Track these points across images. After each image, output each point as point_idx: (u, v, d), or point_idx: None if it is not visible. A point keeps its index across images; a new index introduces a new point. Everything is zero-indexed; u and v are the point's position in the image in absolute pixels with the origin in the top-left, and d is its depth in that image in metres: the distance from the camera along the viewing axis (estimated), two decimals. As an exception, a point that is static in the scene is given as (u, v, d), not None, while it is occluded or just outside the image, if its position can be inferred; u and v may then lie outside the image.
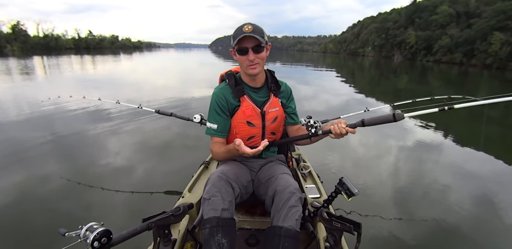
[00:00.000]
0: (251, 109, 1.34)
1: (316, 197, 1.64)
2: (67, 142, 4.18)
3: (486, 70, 34.23)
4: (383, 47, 76.12)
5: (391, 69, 28.79)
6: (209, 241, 1.07)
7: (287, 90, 1.47)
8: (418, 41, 60.73)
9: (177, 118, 2.51)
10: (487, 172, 3.40)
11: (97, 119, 5.41)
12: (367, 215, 2.38)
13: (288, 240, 1.08)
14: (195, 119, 2.29)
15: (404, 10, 71.29)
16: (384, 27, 75.98)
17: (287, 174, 1.35)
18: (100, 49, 79.97)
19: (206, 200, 1.14)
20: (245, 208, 1.69)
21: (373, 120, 1.19)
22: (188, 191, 1.71)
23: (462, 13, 53.74)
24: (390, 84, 14.71)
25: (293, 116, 1.49)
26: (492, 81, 19.75)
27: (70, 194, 2.69)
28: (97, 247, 0.90)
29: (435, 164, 3.52)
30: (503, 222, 2.43)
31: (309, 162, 2.12)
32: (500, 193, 2.89)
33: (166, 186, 2.82)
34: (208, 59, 36.14)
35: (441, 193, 2.83)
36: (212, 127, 1.36)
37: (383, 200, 2.65)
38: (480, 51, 44.76)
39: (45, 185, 2.84)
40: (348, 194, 1.16)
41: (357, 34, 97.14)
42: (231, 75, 1.39)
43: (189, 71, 17.85)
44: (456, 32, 51.61)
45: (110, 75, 14.00)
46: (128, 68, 20.26)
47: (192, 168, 2.22)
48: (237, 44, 1.22)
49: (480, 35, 45.05)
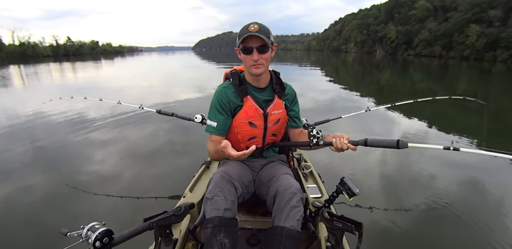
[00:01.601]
0: (253, 110, 1.33)
1: (317, 197, 1.64)
2: (65, 143, 4.26)
3: (464, 62, 35.35)
4: (365, 43, 77.42)
5: (374, 64, 29.28)
6: (211, 240, 1.06)
7: (291, 93, 1.46)
8: (399, 36, 62.10)
9: (178, 118, 2.52)
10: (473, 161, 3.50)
11: (98, 119, 5.54)
12: (368, 215, 2.36)
13: (290, 240, 1.08)
14: (196, 119, 2.31)
15: (383, 6, 72.71)
16: (365, 23, 77.33)
17: (289, 174, 1.36)
18: (80, 56, 78.31)
19: (209, 200, 1.14)
20: (246, 208, 1.69)
21: (376, 143, 1.19)
22: (189, 191, 1.71)
23: (439, 7, 55.19)
24: (374, 79, 14.92)
25: (295, 120, 1.48)
26: (470, 73, 20.40)
27: (70, 194, 2.74)
28: (99, 246, 0.91)
29: (438, 164, 3.48)
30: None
31: (310, 162, 2.12)
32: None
33: (167, 186, 2.82)
34: (192, 62, 35.72)
35: (448, 193, 2.77)
36: (211, 125, 1.35)
37: (385, 200, 2.63)
38: (458, 43, 46.17)
39: (48, 187, 2.90)
40: (349, 194, 1.16)
41: (339, 31, 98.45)
42: (235, 74, 1.37)
43: (173, 74, 17.61)
44: (434, 25, 53.01)
45: (92, 81, 13.67)
46: (110, 73, 19.84)
47: (193, 168, 2.23)
48: (242, 43, 1.21)
49: (457, 28, 46.43)
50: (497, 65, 30.07)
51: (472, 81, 14.45)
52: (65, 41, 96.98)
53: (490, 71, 21.55)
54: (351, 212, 2.35)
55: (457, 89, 11.09)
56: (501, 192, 2.80)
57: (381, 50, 69.94)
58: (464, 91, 10.26)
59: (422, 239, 2.11)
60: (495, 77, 17.58)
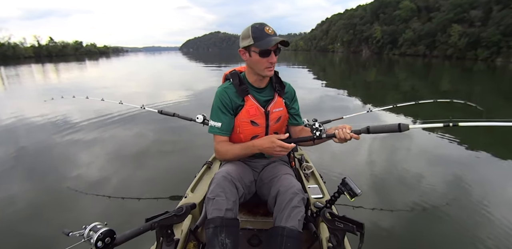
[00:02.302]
0: (255, 108, 1.34)
1: (319, 197, 1.64)
2: (66, 143, 4.27)
3: (447, 61, 36.25)
4: (351, 42, 78.43)
5: (360, 63, 29.71)
6: (213, 241, 1.07)
7: (290, 91, 1.48)
8: (384, 36, 63.23)
9: (179, 119, 2.55)
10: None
11: (99, 119, 5.61)
12: (370, 215, 2.34)
13: (291, 240, 1.08)
14: (198, 119, 2.34)
15: (369, 6, 73.94)
16: (351, 23, 78.36)
17: (290, 174, 1.36)
18: (64, 57, 76.23)
19: (211, 200, 1.14)
20: (247, 208, 1.69)
21: (378, 128, 1.20)
22: (191, 191, 1.71)
23: (422, 8, 56.52)
24: (360, 78, 15.13)
25: (296, 117, 1.51)
26: (453, 71, 20.96)
27: (71, 195, 2.75)
28: (100, 247, 0.91)
29: (441, 163, 3.47)
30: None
31: (311, 162, 2.11)
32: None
33: (168, 186, 2.82)
34: (179, 62, 35.33)
35: (452, 193, 2.75)
36: (216, 126, 1.35)
37: (387, 200, 2.61)
38: (441, 42, 47.41)
39: (49, 189, 2.90)
40: (351, 194, 1.15)
41: (326, 31, 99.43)
42: (235, 75, 1.38)
43: (160, 75, 17.38)
44: (418, 25, 54.26)
45: (77, 82, 13.37)
46: (96, 74, 19.42)
47: (194, 168, 2.22)
48: (260, 46, 1.21)
49: (440, 28, 47.68)
50: (478, 63, 31.09)
51: (454, 80, 14.83)
52: (47, 42, 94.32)
53: (472, 70, 22.22)
54: (353, 213, 2.34)
55: (441, 87, 11.40)
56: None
57: (367, 50, 71.09)
58: (447, 90, 10.53)
59: (423, 239, 2.10)
60: (476, 75, 18.13)
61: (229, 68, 1.45)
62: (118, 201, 2.62)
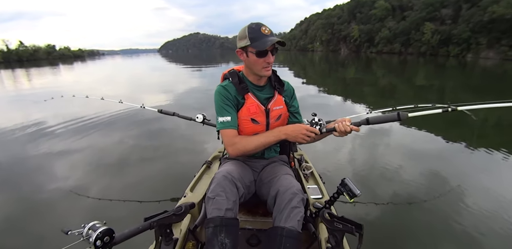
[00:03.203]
0: (255, 106, 1.35)
1: (318, 197, 1.64)
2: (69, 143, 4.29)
3: (421, 58, 37.56)
4: (330, 41, 79.78)
5: (339, 62, 30.27)
6: (212, 240, 1.07)
7: (289, 89, 1.49)
8: (361, 34, 64.79)
9: (179, 118, 2.57)
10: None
11: (98, 119, 5.63)
12: (369, 216, 2.33)
13: (290, 240, 1.08)
14: (198, 119, 2.35)
15: (346, 5, 75.46)
16: (330, 23, 79.64)
17: (290, 174, 1.35)
18: (35, 61, 72.47)
19: (211, 199, 1.14)
20: (247, 208, 1.69)
21: (378, 119, 1.20)
22: (190, 190, 1.71)
23: (396, 7, 58.30)
24: (340, 76, 15.39)
25: (296, 115, 1.50)
26: (427, 68, 21.80)
27: (71, 193, 2.75)
28: (99, 245, 0.91)
29: (444, 162, 3.46)
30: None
31: (311, 163, 2.11)
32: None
33: (167, 186, 2.82)
34: (159, 64, 34.63)
35: (455, 196, 2.71)
36: (225, 120, 1.31)
37: (386, 201, 2.58)
38: (415, 40, 49.16)
39: (50, 189, 2.89)
40: (350, 195, 1.15)
41: (305, 30, 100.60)
42: (234, 74, 1.39)
43: (139, 78, 16.99)
44: (393, 24, 55.95)
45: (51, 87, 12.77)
46: (71, 79, 18.66)
47: (193, 168, 2.22)
48: (257, 46, 1.22)
49: (414, 26, 49.41)
50: (450, 60, 32.53)
51: (428, 76, 15.44)
52: (17, 46, 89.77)
53: (444, 66, 23.19)
54: (352, 213, 2.33)
55: (416, 83, 11.84)
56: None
57: (346, 48, 72.61)
58: (422, 85, 10.89)
59: (424, 239, 2.07)
60: (449, 71, 18.92)
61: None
62: (117, 200, 2.61)
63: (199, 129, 2.59)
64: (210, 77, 14.98)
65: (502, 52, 32.63)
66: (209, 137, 3.92)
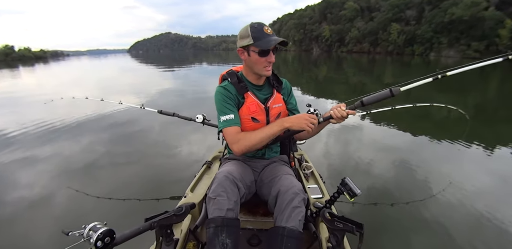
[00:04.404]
0: (255, 105, 1.35)
1: (319, 197, 1.63)
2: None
3: (389, 56, 39.25)
4: (302, 41, 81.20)
5: (312, 61, 30.87)
6: (213, 240, 1.07)
7: (287, 87, 1.51)
8: (332, 34, 66.58)
9: (179, 119, 2.58)
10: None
11: (97, 119, 5.66)
12: (369, 215, 2.33)
13: (291, 240, 1.08)
14: (198, 119, 2.35)
15: (317, 6, 77.15)
16: (302, 23, 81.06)
17: (291, 174, 1.35)
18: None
19: (212, 200, 1.13)
20: (247, 208, 1.69)
21: (372, 98, 1.19)
22: (190, 191, 1.70)
23: (365, 8, 60.50)
24: (312, 75, 15.66)
25: (294, 112, 1.51)
26: (394, 66, 22.90)
27: (71, 195, 2.72)
28: (100, 246, 0.91)
29: (445, 161, 3.46)
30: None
31: (311, 162, 2.11)
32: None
33: (168, 186, 2.79)
34: (129, 65, 33.17)
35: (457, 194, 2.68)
36: (228, 118, 1.30)
37: (386, 200, 2.56)
38: (382, 40, 51.38)
39: (50, 189, 2.87)
40: (350, 194, 1.15)
41: (278, 30, 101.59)
42: (232, 74, 1.40)
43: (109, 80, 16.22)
44: (362, 24, 58.04)
45: (12, 93, 11.91)
46: (33, 82, 17.48)
47: (194, 168, 2.24)
48: (260, 45, 1.23)
49: (381, 26, 51.59)
50: (415, 58, 34.34)
51: (396, 74, 16.28)
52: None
53: (410, 64, 24.52)
54: (353, 213, 2.34)
55: (384, 81, 12.38)
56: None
57: (317, 48, 74.33)
58: (390, 83, 11.30)
59: (424, 239, 2.05)
60: (414, 69, 20.00)
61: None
62: (118, 201, 2.59)
63: (198, 130, 2.64)
64: (184, 78, 14.78)
65: (462, 51, 34.97)
66: (209, 138, 3.94)
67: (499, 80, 12.94)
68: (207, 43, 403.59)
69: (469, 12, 33.61)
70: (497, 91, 9.87)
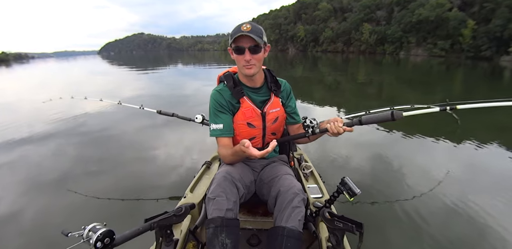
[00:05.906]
0: (251, 110, 1.33)
1: (318, 197, 1.63)
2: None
3: (362, 55, 40.53)
4: (278, 41, 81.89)
5: (288, 61, 31.17)
6: (213, 240, 1.07)
7: (286, 89, 1.46)
8: (307, 34, 67.72)
9: (178, 119, 2.59)
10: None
11: (97, 120, 5.68)
12: (369, 215, 2.32)
13: (291, 240, 1.08)
14: (197, 119, 2.36)
15: (291, 6, 78.01)
16: (277, 23, 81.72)
17: (290, 174, 1.35)
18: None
19: (211, 200, 1.13)
20: (247, 208, 1.69)
21: (371, 119, 1.16)
22: (190, 191, 1.71)
23: (338, 9, 62.02)
24: (289, 74, 15.80)
25: (293, 116, 1.48)
26: (367, 64, 23.71)
27: (71, 196, 2.70)
28: (100, 247, 0.91)
29: (446, 161, 3.43)
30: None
31: (310, 162, 2.11)
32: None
33: (167, 187, 2.78)
34: (100, 68, 31.41)
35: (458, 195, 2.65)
36: (217, 128, 1.32)
37: (386, 200, 2.56)
38: (355, 39, 53.02)
39: (50, 190, 2.86)
40: (350, 194, 1.14)
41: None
42: (229, 76, 1.36)
43: (78, 83, 15.44)
44: (336, 25, 59.52)
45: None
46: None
47: (193, 169, 2.25)
48: (234, 42, 1.20)
49: (354, 26, 53.19)
50: (386, 57, 35.71)
51: (368, 72, 16.86)
52: None
53: (382, 63, 25.50)
54: (352, 212, 2.32)
55: (358, 79, 12.81)
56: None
57: (293, 48, 75.33)
58: (364, 81, 11.71)
59: (424, 239, 2.03)
60: (385, 67, 20.86)
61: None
62: (118, 201, 2.58)
63: (198, 130, 2.63)
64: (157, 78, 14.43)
65: (429, 49, 36.78)
66: (208, 138, 3.63)
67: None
68: (182, 43, 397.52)
69: (435, 13, 35.39)
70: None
